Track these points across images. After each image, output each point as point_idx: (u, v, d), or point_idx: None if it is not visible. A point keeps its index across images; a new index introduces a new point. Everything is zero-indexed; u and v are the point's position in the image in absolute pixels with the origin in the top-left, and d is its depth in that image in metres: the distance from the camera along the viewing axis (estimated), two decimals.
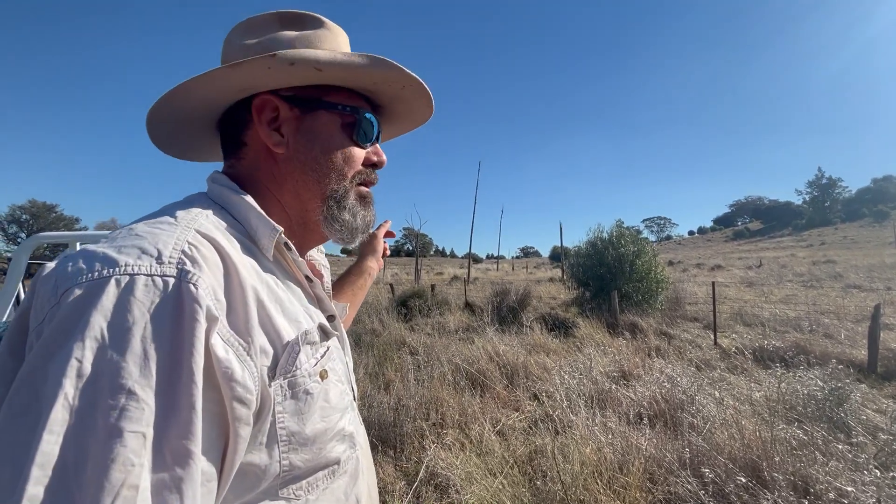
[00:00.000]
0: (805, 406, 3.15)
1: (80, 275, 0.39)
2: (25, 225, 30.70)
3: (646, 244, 9.98)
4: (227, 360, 0.42)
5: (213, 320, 0.42)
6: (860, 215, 73.20)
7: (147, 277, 0.40)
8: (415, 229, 24.10)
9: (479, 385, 4.25)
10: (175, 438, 0.37)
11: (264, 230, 0.55)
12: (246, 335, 0.45)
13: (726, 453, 2.55)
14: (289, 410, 0.49)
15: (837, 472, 2.26)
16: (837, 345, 5.67)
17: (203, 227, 0.49)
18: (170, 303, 0.39)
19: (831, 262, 24.07)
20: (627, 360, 4.76)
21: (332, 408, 0.55)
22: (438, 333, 6.87)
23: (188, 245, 0.44)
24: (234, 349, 0.44)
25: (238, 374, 0.43)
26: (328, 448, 0.54)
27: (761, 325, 7.20)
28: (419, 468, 2.78)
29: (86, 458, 0.33)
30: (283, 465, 0.48)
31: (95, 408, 0.34)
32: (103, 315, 0.37)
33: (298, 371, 0.51)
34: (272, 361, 0.48)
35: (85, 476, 0.32)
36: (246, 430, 0.44)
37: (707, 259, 37.15)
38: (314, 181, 0.62)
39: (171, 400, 0.37)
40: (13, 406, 0.35)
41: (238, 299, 0.46)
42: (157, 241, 0.44)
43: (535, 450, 2.90)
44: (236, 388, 0.42)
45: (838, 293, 11.27)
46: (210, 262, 0.45)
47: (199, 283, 0.42)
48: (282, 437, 0.48)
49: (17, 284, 2.72)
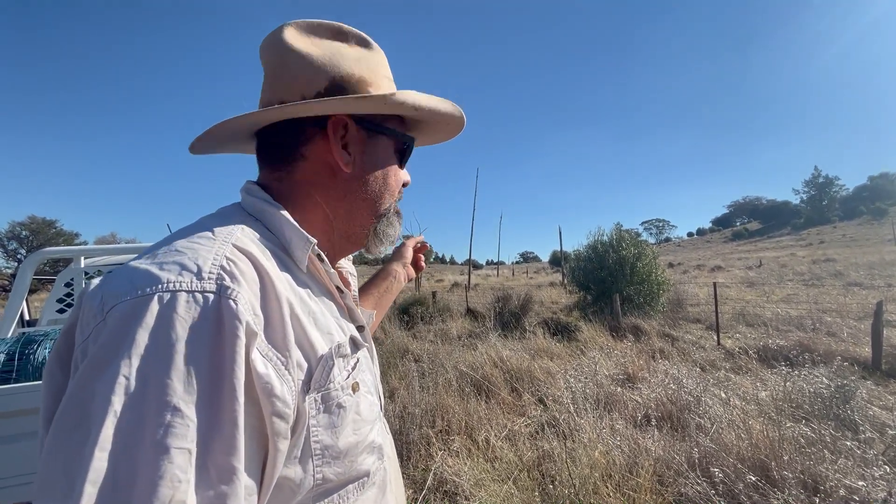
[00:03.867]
0: (811, 404, 3.15)
1: (125, 293, 0.40)
2: (25, 241, 30.66)
3: (646, 246, 10.01)
4: (266, 375, 0.42)
5: (252, 335, 0.42)
6: (858, 213, 73.33)
7: (188, 294, 0.41)
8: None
9: (485, 391, 4.24)
10: (219, 454, 0.38)
11: (298, 242, 0.55)
12: (284, 350, 0.46)
13: (734, 453, 2.55)
14: (322, 424, 0.49)
15: (847, 469, 2.25)
16: (841, 343, 5.67)
17: (240, 241, 0.49)
18: (211, 319, 0.40)
19: (831, 261, 24.08)
20: (632, 363, 4.76)
21: (363, 420, 0.55)
22: (441, 340, 6.85)
23: (226, 260, 0.45)
24: (272, 364, 0.44)
25: (277, 388, 0.43)
26: (359, 461, 0.54)
27: (764, 325, 7.20)
28: (426, 476, 2.77)
29: (135, 475, 0.34)
30: (316, 479, 0.49)
31: (143, 425, 0.35)
32: (147, 332, 0.38)
33: (332, 384, 0.51)
34: (307, 375, 0.49)
35: (134, 492, 0.33)
36: (284, 444, 0.44)
37: (707, 260, 37.17)
38: (371, 199, 0.65)
39: (214, 416, 0.38)
40: (64, 421, 0.35)
41: (275, 313, 0.46)
42: (196, 257, 0.44)
43: (542, 454, 2.89)
44: (276, 402, 0.43)
45: (840, 291, 11.27)
46: (248, 276, 0.45)
47: (239, 299, 0.42)
48: (315, 451, 0.49)
49: (21, 300, 2.72)
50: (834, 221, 73.62)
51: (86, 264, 3.00)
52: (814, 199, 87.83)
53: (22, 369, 1.67)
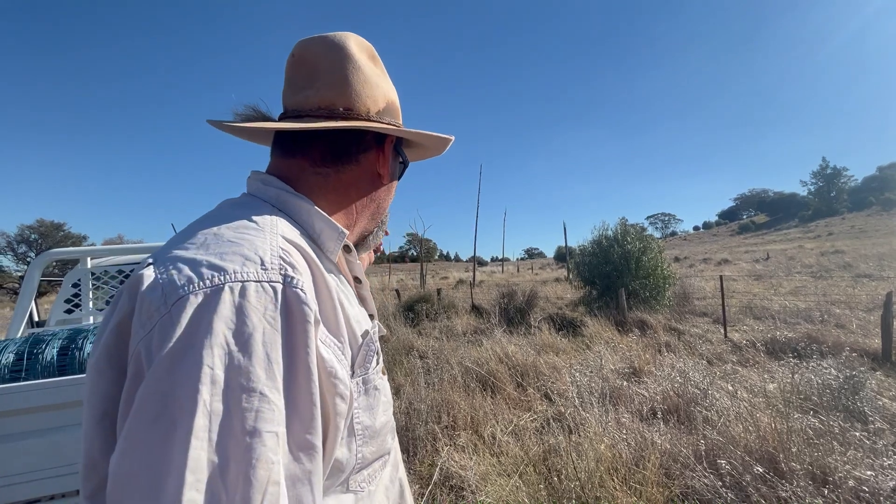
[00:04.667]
0: (820, 396, 3.12)
1: (192, 283, 0.40)
2: (34, 244, 31.03)
3: (651, 241, 9.95)
4: (330, 359, 0.45)
5: (317, 323, 0.44)
6: (867, 204, 72.40)
7: (257, 284, 0.42)
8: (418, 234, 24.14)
9: (490, 387, 4.24)
10: (301, 434, 0.40)
11: (331, 233, 0.58)
12: (338, 335, 0.49)
13: (742, 446, 2.53)
14: (362, 406, 0.52)
15: (856, 460, 2.23)
16: (850, 334, 5.62)
17: (286, 232, 0.50)
18: (282, 307, 0.42)
19: (840, 253, 23.84)
20: (638, 357, 4.74)
21: (389, 402, 0.60)
22: (446, 337, 6.86)
23: (282, 251, 0.46)
24: (332, 349, 0.47)
25: (339, 371, 0.46)
26: (387, 440, 0.58)
27: (771, 318, 7.15)
28: (433, 471, 2.78)
29: (229, 460, 0.35)
30: (357, 458, 0.52)
31: (233, 412, 0.36)
32: (225, 322, 0.38)
33: (370, 367, 0.55)
34: (350, 360, 0.52)
35: (230, 477, 0.34)
36: (342, 423, 0.47)
37: (713, 254, 36.89)
38: (382, 208, 0.73)
39: (294, 399, 0.40)
40: (143, 416, 0.35)
41: (327, 302, 0.49)
42: (255, 248, 0.45)
43: (549, 449, 2.89)
44: (339, 385, 0.46)
45: (848, 283, 11.15)
46: (301, 266, 0.47)
47: (305, 288, 0.44)
48: (357, 431, 0.52)
49: (30, 301, 2.75)
50: (843, 213, 72.71)
51: (92, 265, 3.02)
52: (822, 190, 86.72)
53: (31, 368, 1.69)
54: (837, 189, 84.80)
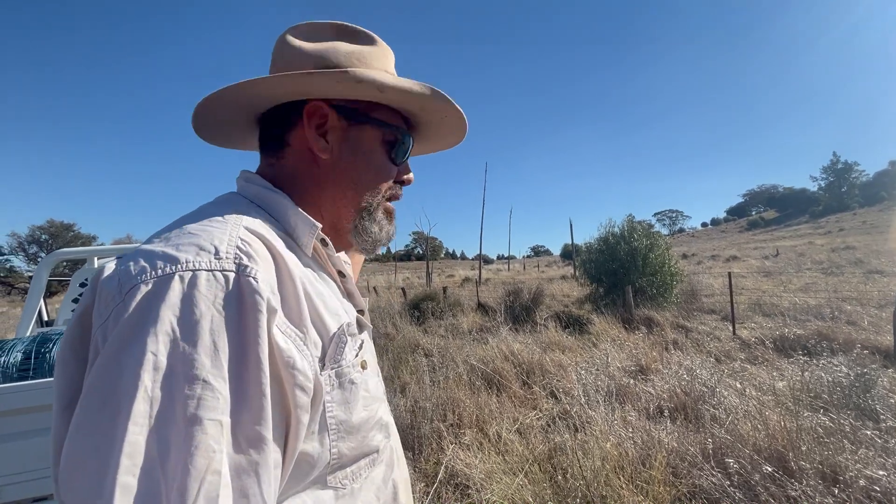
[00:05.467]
0: (830, 394, 3.08)
1: (144, 273, 0.41)
2: (45, 245, 31.47)
3: (658, 237, 9.88)
4: (287, 349, 0.44)
5: (272, 311, 0.43)
6: (879, 199, 71.28)
7: (208, 272, 0.42)
8: (424, 233, 24.17)
9: (496, 385, 4.23)
10: (249, 425, 0.39)
11: (304, 227, 0.57)
12: (301, 326, 0.47)
13: (751, 444, 2.50)
14: (336, 400, 0.51)
15: (867, 459, 2.20)
16: (861, 331, 5.54)
17: (251, 224, 0.50)
18: (233, 295, 0.41)
19: (851, 249, 23.52)
20: (644, 355, 4.71)
21: (373, 397, 0.58)
22: (452, 335, 6.86)
23: (241, 241, 0.46)
24: (292, 339, 0.45)
25: (299, 362, 0.45)
26: (370, 437, 0.56)
27: (781, 315, 7.06)
28: (438, 469, 2.78)
29: (169, 447, 0.35)
30: (332, 454, 0.50)
31: (174, 399, 0.36)
32: (172, 310, 0.38)
33: (344, 361, 0.53)
34: (321, 352, 0.51)
35: (170, 464, 0.34)
36: (305, 417, 0.46)
37: (722, 250, 36.57)
38: (352, 191, 0.64)
39: (242, 388, 0.39)
40: (91, 400, 0.36)
41: (290, 292, 0.48)
42: (212, 238, 0.45)
43: (554, 447, 2.88)
44: (298, 376, 0.44)
45: (860, 279, 11.00)
46: (262, 256, 0.47)
47: (258, 276, 0.43)
48: (331, 426, 0.50)
49: (38, 300, 2.78)
50: (854, 208, 71.65)
51: (99, 265, 3.06)
52: (832, 185, 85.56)
53: (38, 367, 1.71)
54: (848, 184, 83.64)
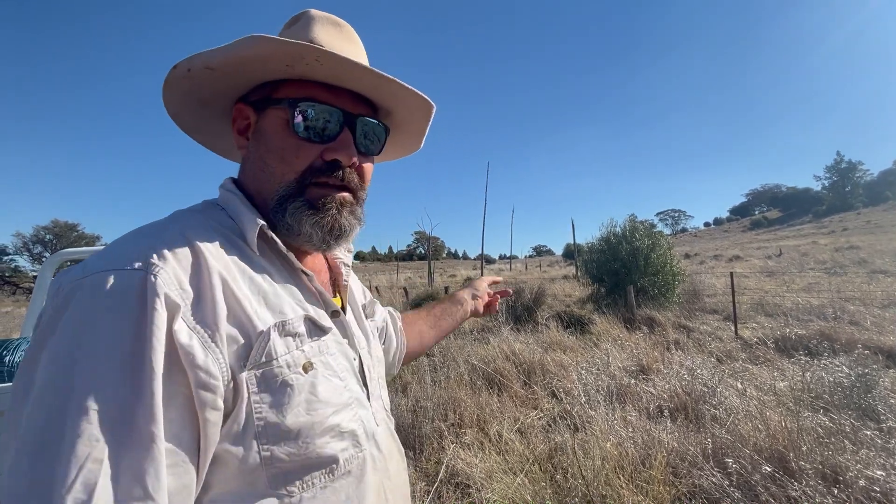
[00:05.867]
0: (832, 394, 3.07)
1: (73, 275, 0.45)
2: (49, 245, 31.65)
3: (660, 237, 9.86)
4: (189, 345, 0.44)
5: (174, 307, 0.44)
6: (883, 199, 70.82)
7: (118, 272, 0.45)
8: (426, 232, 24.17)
9: (497, 384, 4.24)
10: (140, 419, 0.40)
11: (247, 223, 0.57)
12: (212, 323, 0.47)
13: (751, 445, 2.50)
14: (266, 401, 0.49)
15: (868, 459, 2.20)
16: (864, 331, 5.52)
17: (186, 225, 0.53)
18: (134, 293, 0.43)
19: (855, 248, 23.39)
20: (646, 355, 4.70)
21: (322, 402, 0.54)
22: (454, 334, 6.86)
23: (163, 242, 0.49)
24: (198, 335, 0.46)
25: (200, 359, 0.45)
26: (318, 444, 0.53)
27: (783, 315, 7.04)
28: (439, 468, 2.79)
29: (62, 434, 0.37)
30: (263, 457, 0.49)
31: (68, 389, 0.39)
32: (79, 309, 0.43)
33: (275, 362, 0.51)
34: (243, 350, 0.49)
35: (59, 449, 0.37)
36: (214, 415, 0.46)
37: (724, 250, 36.44)
38: (265, 182, 0.60)
39: (134, 383, 0.41)
40: (16, 389, 0.42)
41: (206, 289, 0.48)
42: (135, 244, 0.48)
43: (555, 447, 2.88)
44: (199, 373, 0.44)
45: (863, 279, 10.95)
46: (180, 255, 0.48)
47: (160, 274, 0.45)
48: (259, 427, 0.49)
49: (43, 301, 2.80)
50: (858, 208, 71.26)
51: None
52: (836, 185, 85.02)
53: None
54: (852, 183, 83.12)
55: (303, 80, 0.59)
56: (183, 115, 0.67)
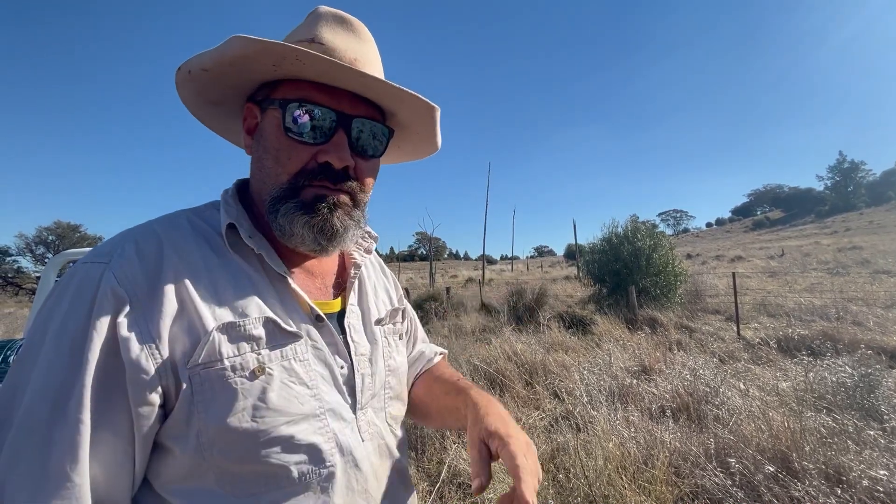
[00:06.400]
0: (834, 394, 3.06)
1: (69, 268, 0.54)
2: (52, 246, 31.72)
3: (662, 238, 9.85)
4: (127, 339, 0.47)
5: (121, 302, 0.48)
6: (886, 199, 70.59)
7: (90, 265, 0.50)
8: (427, 233, 24.18)
9: (499, 385, 4.24)
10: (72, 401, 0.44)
11: (222, 223, 0.58)
12: (158, 320, 0.48)
13: (754, 445, 2.50)
14: (207, 403, 0.48)
15: (871, 459, 2.19)
16: (867, 332, 5.50)
17: (163, 224, 0.57)
18: (90, 284, 0.48)
19: (857, 249, 23.33)
20: (648, 355, 4.70)
21: (272, 410, 0.51)
22: (455, 335, 6.86)
23: (132, 240, 0.53)
24: (138, 331, 0.47)
25: (134, 354, 0.47)
26: (265, 453, 0.50)
27: (786, 315, 7.02)
28: (441, 469, 2.79)
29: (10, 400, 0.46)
30: (205, 456, 0.48)
31: (23, 363, 0.47)
32: (56, 293, 0.50)
33: (219, 363, 0.49)
34: (188, 349, 0.49)
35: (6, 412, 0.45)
36: (146, 409, 0.47)
37: (727, 250, 36.36)
38: (263, 182, 0.60)
39: (74, 367, 0.45)
40: None
41: (160, 286, 0.50)
42: (119, 237, 0.55)
43: (557, 447, 2.88)
44: (132, 368, 0.46)
45: (866, 279, 10.92)
46: (145, 253, 0.52)
47: (116, 270, 0.49)
48: (199, 427, 0.48)
49: None
50: (860, 208, 71.00)
51: None
52: (839, 185, 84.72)
53: None
54: (855, 183, 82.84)
55: (299, 79, 0.57)
56: (202, 115, 0.68)
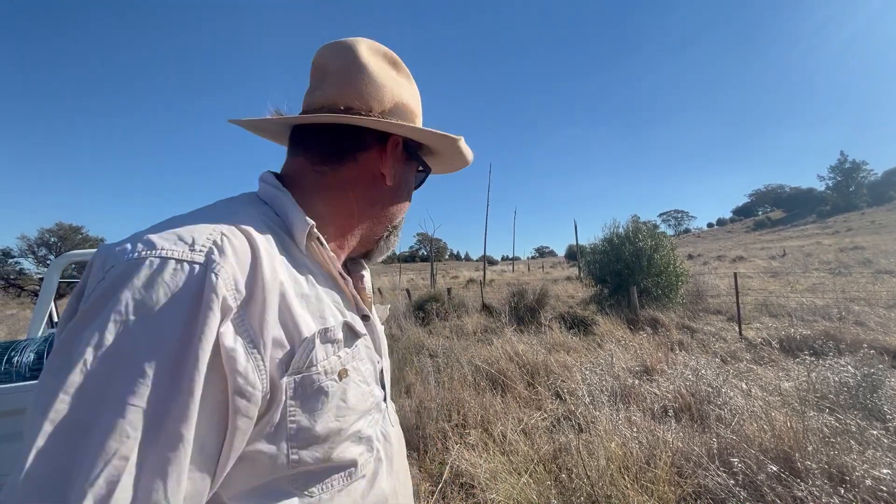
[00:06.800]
0: (837, 394, 3.06)
1: (124, 254, 0.43)
2: (54, 247, 31.78)
3: (663, 238, 9.84)
4: (233, 350, 0.43)
5: (227, 310, 0.44)
6: (888, 198, 70.45)
7: (177, 262, 0.43)
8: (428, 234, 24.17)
9: (500, 385, 4.24)
10: (172, 420, 0.39)
11: (298, 224, 0.57)
12: (259, 328, 0.46)
13: (756, 445, 2.50)
14: (300, 407, 0.50)
15: (875, 459, 2.19)
16: (869, 332, 5.49)
17: (240, 220, 0.51)
18: (191, 288, 0.42)
19: (859, 248, 23.27)
20: (650, 355, 4.69)
21: (350, 408, 0.55)
22: (457, 336, 6.87)
23: (221, 235, 0.47)
24: (243, 340, 0.45)
25: (241, 365, 0.44)
26: (341, 448, 0.54)
27: (788, 316, 7.01)
28: (443, 469, 2.79)
29: (90, 423, 0.36)
30: (291, 459, 0.49)
31: (108, 378, 0.38)
32: (132, 293, 0.40)
33: (314, 368, 0.51)
34: (287, 356, 0.49)
35: (85, 438, 0.36)
36: (245, 422, 0.45)
37: (728, 251, 36.29)
38: (392, 213, 0.71)
39: (174, 382, 0.39)
40: (51, 366, 0.39)
41: (259, 291, 0.47)
42: (194, 230, 0.47)
43: (559, 447, 2.88)
44: (238, 379, 0.43)
45: (868, 279, 10.89)
46: (239, 252, 0.47)
47: (221, 273, 0.44)
48: (291, 431, 0.49)
49: (49, 301, 2.82)
50: (862, 208, 70.81)
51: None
52: (840, 185, 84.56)
53: None
54: (856, 183, 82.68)
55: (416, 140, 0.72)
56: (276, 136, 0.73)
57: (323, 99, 0.62)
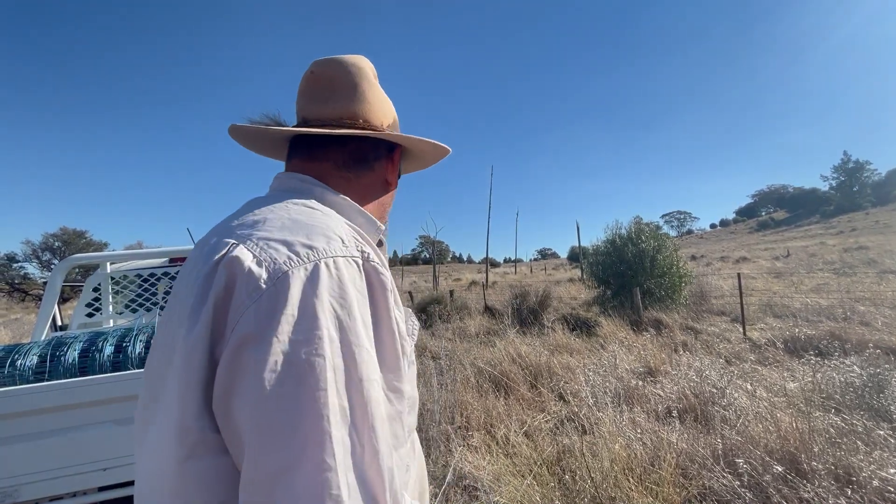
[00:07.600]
0: (843, 394, 3.04)
1: (291, 260, 0.46)
2: (58, 251, 31.91)
3: (666, 239, 9.82)
4: (399, 321, 0.55)
5: (393, 290, 0.54)
6: (892, 198, 70.02)
7: (344, 259, 0.49)
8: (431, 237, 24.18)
9: (503, 387, 4.22)
10: (391, 380, 0.52)
11: (369, 227, 0.66)
12: (399, 306, 0.58)
13: (762, 446, 2.48)
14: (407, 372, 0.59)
15: (882, 460, 2.17)
16: (875, 332, 5.45)
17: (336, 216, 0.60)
18: (372, 278, 0.51)
19: (864, 248, 23.15)
20: (653, 357, 4.67)
21: (413, 380, 0.65)
22: (459, 338, 6.86)
23: (355, 231, 0.57)
24: (399, 313, 0.56)
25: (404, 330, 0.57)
26: (415, 412, 0.64)
27: (792, 316, 6.97)
28: (446, 471, 2.78)
29: (354, 403, 0.43)
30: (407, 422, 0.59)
31: (349, 364, 0.44)
32: (329, 292, 0.45)
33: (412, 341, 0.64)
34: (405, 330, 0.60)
35: (357, 416, 0.43)
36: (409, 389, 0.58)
37: (731, 252, 36.16)
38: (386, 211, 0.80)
39: (382, 352, 0.50)
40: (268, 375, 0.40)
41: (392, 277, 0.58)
42: (332, 230, 0.52)
43: (562, 449, 2.86)
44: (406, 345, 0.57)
45: (873, 279, 10.83)
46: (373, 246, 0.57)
47: (378, 262, 0.53)
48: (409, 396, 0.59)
49: (53, 305, 2.83)
50: (866, 208, 70.43)
51: (111, 269, 3.10)
52: (844, 185, 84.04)
53: (53, 370, 1.75)
54: (860, 183, 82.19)
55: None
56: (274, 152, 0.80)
57: (341, 111, 0.69)
